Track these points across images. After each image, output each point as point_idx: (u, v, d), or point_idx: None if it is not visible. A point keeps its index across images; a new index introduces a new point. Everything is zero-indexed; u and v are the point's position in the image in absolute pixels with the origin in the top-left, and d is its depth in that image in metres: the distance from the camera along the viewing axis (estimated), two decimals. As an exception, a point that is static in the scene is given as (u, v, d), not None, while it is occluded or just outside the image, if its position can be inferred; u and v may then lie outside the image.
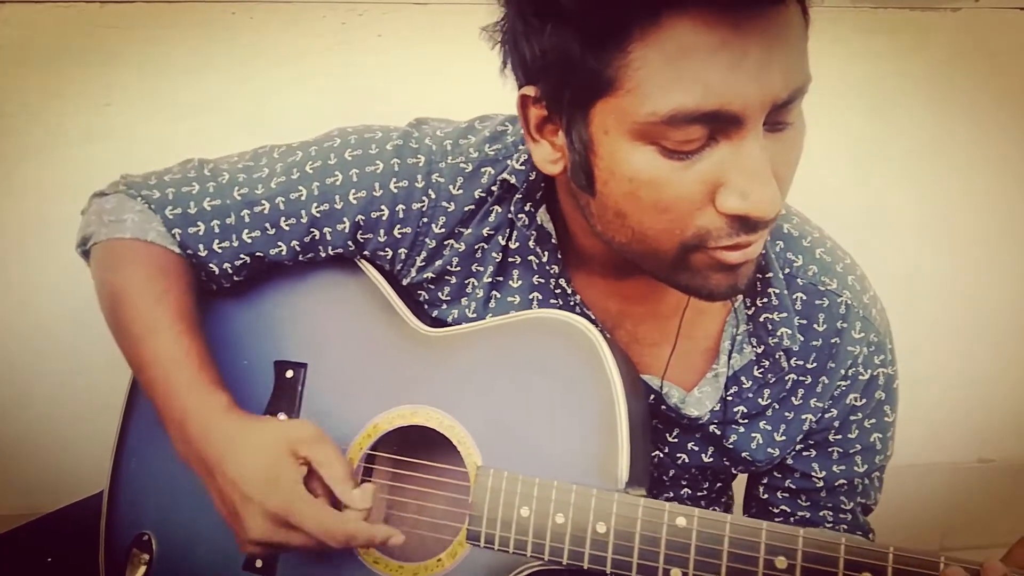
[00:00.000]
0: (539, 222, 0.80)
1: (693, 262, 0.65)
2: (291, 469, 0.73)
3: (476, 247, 0.82)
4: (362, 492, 0.75)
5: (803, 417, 0.82)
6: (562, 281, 0.81)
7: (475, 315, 0.83)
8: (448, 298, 0.84)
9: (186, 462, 0.78)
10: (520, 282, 0.83)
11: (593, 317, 0.81)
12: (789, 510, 0.88)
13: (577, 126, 0.63)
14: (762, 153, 0.59)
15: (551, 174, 0.70)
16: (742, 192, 0.60)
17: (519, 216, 0.79)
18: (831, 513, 0.87)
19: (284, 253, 0.84)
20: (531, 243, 0.80)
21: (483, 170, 0.80)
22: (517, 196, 0.79)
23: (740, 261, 0.64)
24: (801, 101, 0.61)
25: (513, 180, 0.78)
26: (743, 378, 0.82)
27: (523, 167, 0.78)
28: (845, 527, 0.87)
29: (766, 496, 0.89)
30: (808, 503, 0.87)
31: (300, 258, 0.85)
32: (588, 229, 0.73)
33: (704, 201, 0.61)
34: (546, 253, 0.80)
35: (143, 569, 0.86)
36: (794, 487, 0.86)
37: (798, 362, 0.81)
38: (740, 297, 0.81)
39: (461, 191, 0.80)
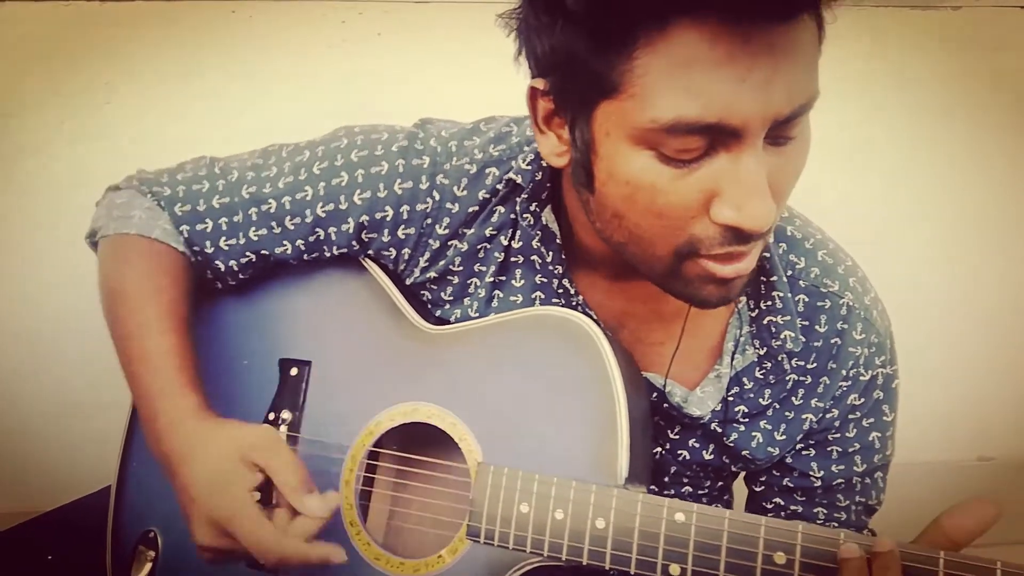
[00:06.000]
0: (544, 222, 0.80)
1: (686, 271, 0.66)
2: (241, 476, 0.72)
3: (479, 247, 0.82)
4: (320, 500, 0.72)
5: (803, 417, 0.82)
6: (565, 281, 0.81)
7: (477, 314, 0.83)
8: (451, 298, 0.85)
9: (157, 460, 0.78)
10: (523, 281, 0.83)
11: (595, 317, 0.81)
12: (782, 503, 0.88)
13: (580, 124, 0.63)
14: (760, 167, 0.59)
15: (557, 166, 0.70)
16: (737, 204, 0.60)
17: (524, 216, 0.79)
18: (824, 510, 0.87)
19: (289, 252, 0.85)
20: (535, 243, 0.80)
21: (487, 171, 0.80)
22: (522, 196, 0.79)
23: (732, 276, 0.65)
24: (806, 116, 0.61)
25: (519, 180, 0.78)
26: (745, 379, 0.82)
27: (529, 167, 0.78)
28: (836, 525, 0.87)
29: (761, 490, 0.89)
30: (803, 499, 0.87)
31: (305, 257, 0.86)
32: (592, 227, 0.73)
33: (699, 209, 0.62)
34: (550, 253, 0.80)
35: (149, 566, 0.86)
36: (792, 485, 0.87)
37: (799, 363, 0.81)
38: (744, 299, 0.81)
39: (465, 192, 0.80)
